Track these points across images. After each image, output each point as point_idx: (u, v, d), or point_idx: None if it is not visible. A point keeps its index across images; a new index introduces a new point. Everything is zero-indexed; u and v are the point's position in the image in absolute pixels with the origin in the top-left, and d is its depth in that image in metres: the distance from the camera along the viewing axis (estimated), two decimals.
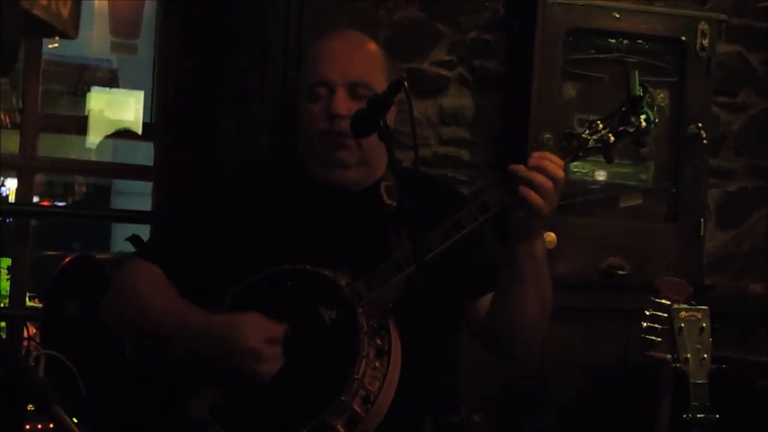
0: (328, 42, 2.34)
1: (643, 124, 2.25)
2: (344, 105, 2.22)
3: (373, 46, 2.37)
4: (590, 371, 3.47)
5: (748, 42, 3.78)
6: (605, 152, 2.25)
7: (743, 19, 3.76)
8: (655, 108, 2.28)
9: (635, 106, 2.24)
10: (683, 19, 3.55)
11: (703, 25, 3.53)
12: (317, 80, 2.27)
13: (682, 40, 3.53)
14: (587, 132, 2.23)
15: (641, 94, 2.24)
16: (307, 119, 2.28)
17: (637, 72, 2.26)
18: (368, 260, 2.16)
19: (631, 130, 2.24)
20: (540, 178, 2.06)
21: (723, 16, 3.62)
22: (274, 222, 2.27)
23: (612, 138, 2.23)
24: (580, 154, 2.23)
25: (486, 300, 2.28)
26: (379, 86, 2.20)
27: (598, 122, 2.24)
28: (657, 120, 2.29)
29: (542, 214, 2.07)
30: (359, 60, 2.29)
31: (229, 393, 2.09)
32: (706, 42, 3.53)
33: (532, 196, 2.06)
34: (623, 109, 2.26)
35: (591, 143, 2.22)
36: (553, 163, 2.09)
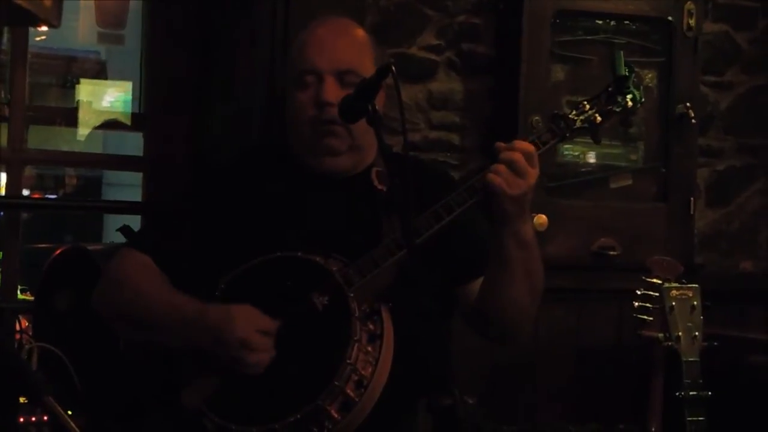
0: (314, 29, 2.33)
1: (630, 103, 2.25)
2: (333, 93, 2.22)
3: (360, 33, 2.36)
4: (583, 351, 3.48)
5: (734, 21, 3.79)
6: (592, 132, 2.26)
7: None
8: (642, 87, 2.29)
9: (621, 85, 2.24)
10: (669, 0, 3.55)
11: (689, 5, 3.54)
12: (305, 68, 2.26)
13: (668, 20, 3.54)
14: (574, 113, 2.24)
15: (627, 73, 2.24)
16: (295, 107, 2.28)
17: (622, 52, 2.27)
18: (360, 246, 2.16)
19: (617, 109, 2.25)
20: (496, 165, 2.09)
21: None
22: (265, 210, 2.26)
23: (599, 118, 2.24)
24: (568, 134, 2.23)
25: (477, 283, 2.28)
26: (368, 72, 2.19)
27: (585, 103, 2.24)
28: (643, 99, 2.29)
29: (503, 195, 2.08)
30: (347, 47, 2.29)
31: (223, 381, 2.09)
32: (692, 22, 3.54)
33: (493, 179, 2.08)
34: (609, 89, 2.26)
35: (578, 124, 2.23)
36: (511, 149, 2.11)
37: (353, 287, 2.10)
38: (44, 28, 3.37)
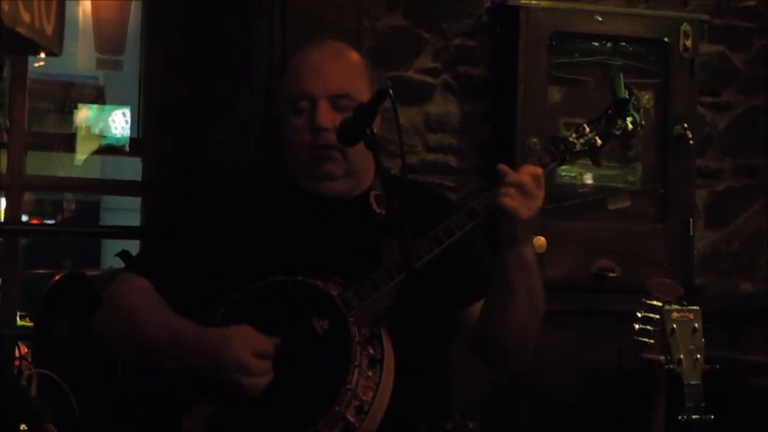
0: (308, 54, 2.33)
1: (630, 126, 2.25)
2: (327, 117, 2.22)
3: (354, 56, 2.36)
4: (584, 374, 3.47)
5: (730, 42, 3.80)
6: (592, 155, 2.26)
7: (725, 19, 3.78)
8: (641, 110, 2.29)
9: (621, 108, 2.24)
10: (666, 21, 3.56)
11: (685, 26, 3.55)
12: (299, 93, 2.26)
13: (665, 41, 3.55)
14: (574, 136, 2.24)
15: (627, 96, 2.25)
16: (291, 132, 2.28)
17: (622, 75, 2.27)
18: (359, 269, 2.16)
19: (617, 132, 2.25)
20: (505, 187, 2.10)
21: (705, 17, 3.64)
22: (264, 234, 2.26)
23: (599, 141, 2.24)
24: (568, 157, 2.24)
25: (478, 307, 2.28)
26: (362, 96, 2.19)
27: (585, 126, 2.25)
28: (643, 122, 2.30)
29: (515, 216, 2.08)
30: (340, 71, 2.29)
31: (223, 406, 2.08)
32: (689, 43, 3.55)
33: (504, 200, 2.09)
34: (609, 112, 2.27)
35: (578, 147, 2.23)
36: (520, 173, 2.11)
37: (353, 311, 2.10)
38: (43, 55, 3.38)
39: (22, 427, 2.57)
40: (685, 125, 3.51)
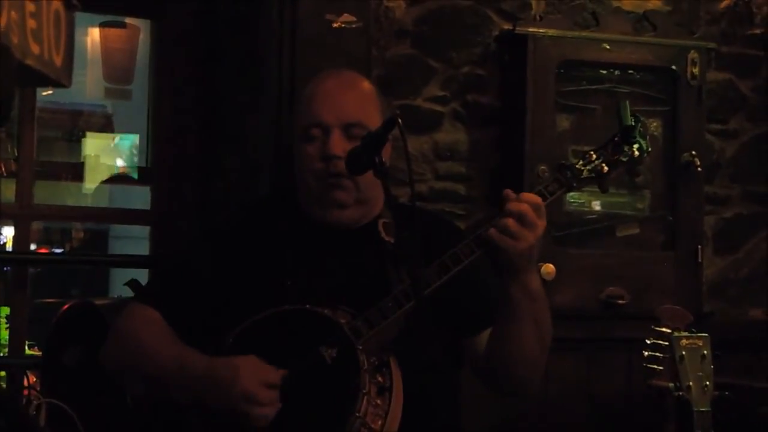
0: (321, 82, 2.34)
1: (636, 153, 2.26)
2: (339, 146, 2.23)
3: (366, 85, 2.38)
4: (593, 401, 3.45)
5: (738, 69, 3.81)
6: (599, 182, 2.26)
7: (732, 47, 3.79)
8: (648, 137, 2.30)
9: (628, 135, 2.25)
10: (673, 49, 3.57)
11: (693, 54, 3.56)
12: (312, 122, 2.27)
13: (672, 69, 3.56)
14: (581, 163, 2.24)
15: (633, 123, 2.25)
16: (302, 160, 2.29)
17: (628, 102, 2.28)
18: (367, 298, 2.16)
19: (624, 159, 2.26)
20: (502, 219, 2.09)
21: (712, 45, 3.65)
22: (273, 262, 2.26)
23: (605, 168, 2.24)
24: (575, 184, 2.24)
25: (486, 335, 2.27)
26: (374, 125, 2.20)
27: (592, 153, 2.25)
28: (650, 149, 2.30)
29: (512, 251, 2.08)
30: (353, 100, 2.30)
31: (242, 423, 2.08)
32: (696, 70, 3.56)
33: (498, 236, 2.09)
34: (616, 139, 2.27)
35: (585, 174, 2.24)
36: (518, 201, 2.11)
37: (362, 339, 2.10)
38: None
39: None
40: (693, 152, 3.51)
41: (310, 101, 2.31)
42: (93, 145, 6.48)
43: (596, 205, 3.57)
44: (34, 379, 3.06)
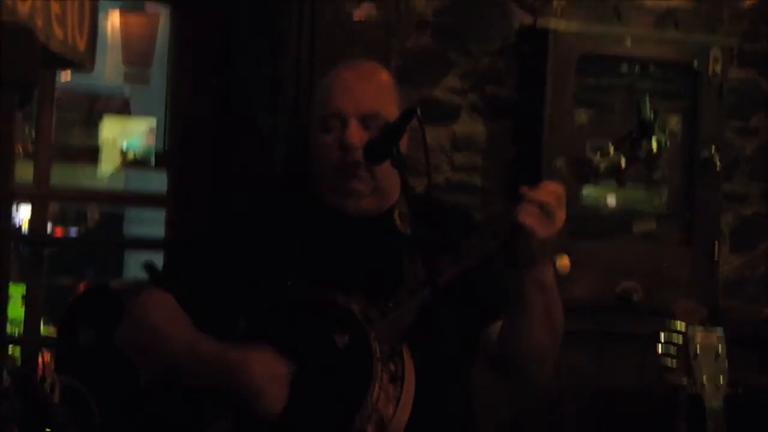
0: (339, 73, 2.34)
1: (655, 148, 2.25)
2: (357, 136, 2.23)
3: (384, 76, 2.37)
4: (605, 396, 3.45)
5: (760, 67, 3.79)
6: (617, 176, 2.25)
7: (755, 44, 3.77)
8: (667, 132, 2.28)
9: (646, 130, 2.24)
10: (695, 45, 3.56)
11: (714, 51, 3.54)
12: (329, 112, 2.27)
13: (693, 65, 3.54)
14: (598, 157, 2.24)
15: (652, 118, 2.24)
16: (319, 150, 2.29)
17: (647, 96, 2.27)
18: (382, 286, 2.16)
19: (642, 154, 2.25)
20: (526, 206, 2.08)
21: (735, 42, 3.63)
22: (288, 250, 2.27)
23: (623, 163, 2.23)
24: (592, 179, 2.23)
25: (497, 326, 2.27)
26: (392, 115, 2.20)
27: (610, 147, 2.24)
28: (669, 144, 2.29)
29: (534, 235, 2.07)
30: (371, 91, 2.29)
31: (244, 420, 2.09)
32: (718, 67, 3.54)
33: (516, 225, 2.07)
34: (634, 133, 2.26)
35: (602, 168, 2.22)
36: (542, 190, 2.10)
37: (375, 327, 2.10)
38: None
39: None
40: (713, 149, 3.50)
41: (327, 91, 2.31)
42: (110, 128, 6.50)
43: (612, 200, 3.56)
44: (49, 358, 3.08)
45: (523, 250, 2.11)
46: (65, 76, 4.76)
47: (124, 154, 5.46)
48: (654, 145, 2.24)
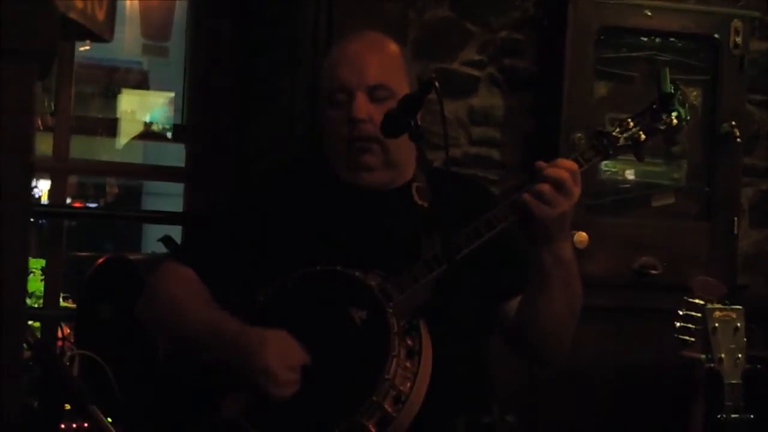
0: (345, 46, 2.33)
1: (675, 121, 2.23)
2: (364, 109, 2.21)
3: (392, 47, 2.35)
4: (623, 371, 3.45)
5: None
6: (636, 150, 2.23)
7: None
8: (687, 105, 2.26)
9: (666, 103, 2.22)
10: (716, 17, 3.52)
11: (736, 23, 3.51)
12: (336, 86, 2.26)
13: (715, 37, 3.51)
14: (618, 130, 2.22)
15: (672, 91, 2.22)
16: (329, 125, 2.28)
17: (668, 69, 2.25)
18: (399, 261, 2.16)
19: (662, 127, 2.23)
20: (538, 185, 2.07)
21: (756, 14, 3.60)
22: (305, 224, 2.27)
23: (643, 136, 2.22)
24: (611, 152, 2.22)
25: (516, 302, 2.27)
26: (400, 87, 2.19)
27: (629, 120, 2.23)
28: (689, 117, 2.27)
29: (547, 219, 2.06)
30: (376, 62, 2.28)
31: (261, 395, 2.09)
32: (739, 40, 3.51)
33: (533, 203, 2.07)
34: (654, 106, 2.24)
35: (621, 141, 2.21)
36: (556, 167, 2.08)
37: (392, 302, 2.10)
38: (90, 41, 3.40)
39: (66, 406, 2.61)
40: (733, 123, 3.47)
41: (333, 65, 2.30)
42: (128, 101, 6.51)
43: (630, 174, 3.55)
44: (68, 331, 3.10)
45: (537, 227, 2.10)
46: (84, 49, 4.76)
47: (147, 125, 5.46)
48: (674, 118, 2.23)
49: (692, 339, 2.63)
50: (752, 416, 2.55)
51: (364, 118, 2.20)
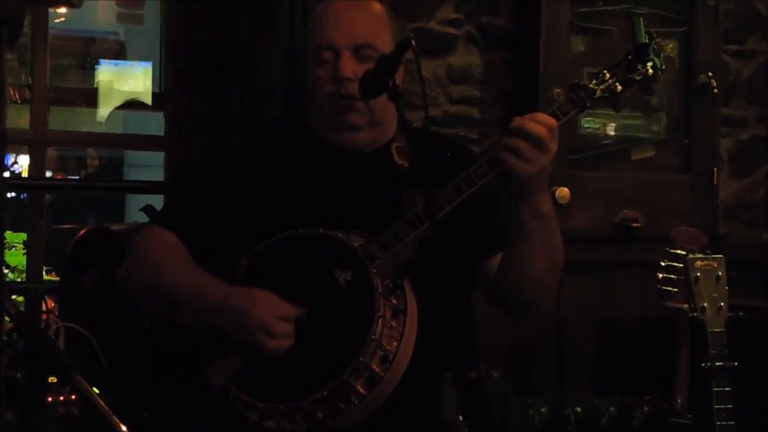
0: (330, 4, 2.32)
1: (650, 71, 2.24)
2: (350, 68, 2.21)
3: (376, 6, 2.35)
4: (608, 324, 3.47)
5: None
6: (613, 101, 2.24)
7: None
8: (662, 55, 2.27)
9: (641, 53, 2.23)
10: None
11: None
12: (322, 44, 2.26)
13: None
14: (594, 82, 2.23)
15: (647, 41, 2.23)
16: (314, 84, 2.28)
17: (642, 19, 2.25)
18: (381, 221, 2.16)
19: (637, 78, 2.24)
20: (515, 141, 2.07)
21: None
22: (286, 186, 2.26)
23: (619, 87, 2.23)
24: (588, 104, 2.22)
25: (497, 259, 2.28)
26: (385, 46, 2.19)
27: (605, 72, 2.23)
28: (664, 67, 2.28)
29: (525, 175, 2.07)
30: (363, 21, 2.28)
31: (248, 359, 2.10)
32: None
33: (511, 160, 2.07)
34: (629, 57, 2.25)
35: (598, 93, 2.22)
36: (534, 122, 2.09)
37: (375, 263, 2.11)
38: (63, 10, 3.37)
39: (51, 379, 2.61)
40: (710, 74, 3.48)
41: (319, 24, 2.29)
42: (106, 71, 6.46)
43: (611, 129, 3.55)
44: (52, 304, 3.09)
45: (515, 183, 2.11)
46: (60, 21, 4.72)
47: (126, 95, 5.44)
48: (649, 68, 2.23)
49: (675, 289, 2.64)
50: (736, 363, 2.57)
51: (350, 77, 2.19)
